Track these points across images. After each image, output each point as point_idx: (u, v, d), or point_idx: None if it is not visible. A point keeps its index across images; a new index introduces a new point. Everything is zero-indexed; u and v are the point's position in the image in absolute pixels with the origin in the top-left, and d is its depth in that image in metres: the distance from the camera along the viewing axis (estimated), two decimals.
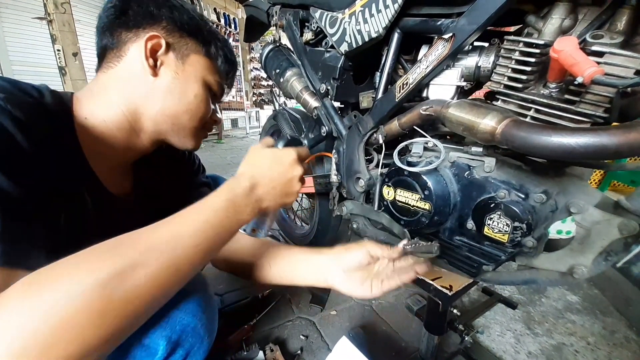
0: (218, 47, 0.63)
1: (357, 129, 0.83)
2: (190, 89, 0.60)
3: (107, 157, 0.58)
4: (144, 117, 0.58)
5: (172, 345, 0.52)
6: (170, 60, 0.58)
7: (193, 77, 0.60)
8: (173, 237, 0.40)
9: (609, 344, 1.02)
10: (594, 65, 0.40)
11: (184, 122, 0.61)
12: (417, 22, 0.65)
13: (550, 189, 0.54)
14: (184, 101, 0.59)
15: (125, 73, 0.56)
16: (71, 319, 0.30)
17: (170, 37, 0.57)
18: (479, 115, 0.51)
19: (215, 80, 0.63)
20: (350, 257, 0.63)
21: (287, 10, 1.03)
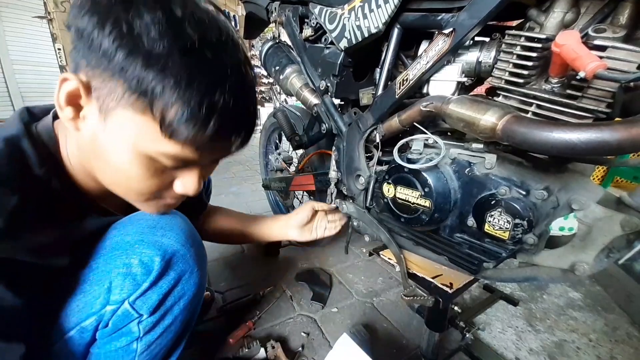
0: (181, 97, 0.38)
1: (357, 126, 0.82)
2: (112, 160, 0.43)
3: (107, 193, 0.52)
4: (90, 171, 0.49)
5: (165, 263, 0.53)
6: (91, 113, 0.41)
7: (117, 142, 0.42)
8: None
9: (611, 340, 1.02)
10: (596, 60, 0.40)
11: (120, 192, 0.49)
12: (417, 17, 0.64)
13: (551, 185, 0.53)
14: (107, 172, 0.46)
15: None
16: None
17: (91, 78, 0.39)
18: (480, 111, 0.50)
19: (160, 151, 0.42)
20: (300, 216, 0.92)
21: (287, 7, 1.02)
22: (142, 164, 0.43)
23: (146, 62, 0.37)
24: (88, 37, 0.37)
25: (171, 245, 0.55)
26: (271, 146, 1.69)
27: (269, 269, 1.31)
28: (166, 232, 0.55)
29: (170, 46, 0.37)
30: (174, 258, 0.55)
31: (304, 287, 1.19)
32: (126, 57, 0.37)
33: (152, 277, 0.53)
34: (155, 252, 0.53)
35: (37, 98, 4.17)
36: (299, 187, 1.23)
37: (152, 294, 0.54)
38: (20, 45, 4.14)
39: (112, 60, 0.37)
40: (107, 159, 0.44)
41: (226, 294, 1.13)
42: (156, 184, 0.47)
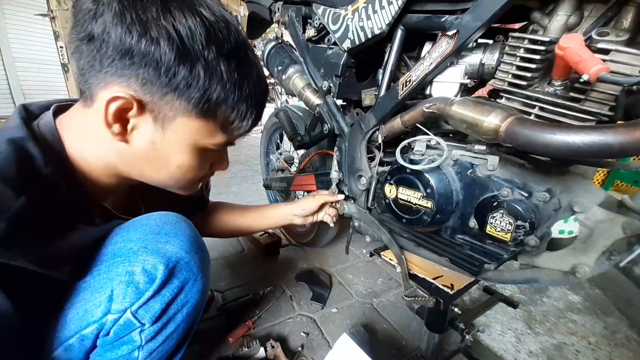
0: (223, 100, 0.46)
1: (359, 126, 0.82)
2: (172, 160, 0.49)
3: (108, 191, 0.56)
4: (128, 174, 0.52)
5: (169, 271, 0.52)
6: (145, 125, 0.44)
7: (177, 145, 0.47)
8: None
9: (610, 343, 1.02)
10: (599, 63, 0.40)
11: (170, 185, 0.54)
12: (420, 18, 0.64)
13: (553, 187, 0.53)
14: (165, 171, 0.51)
15: (94, 125, 0.45)
16: None
17: (147, 94, 0.42)
18: (483, 113, 0.50)
19: (214, 142, 0.50)
20: (309, 206, 0.94)
21: (290, 7, 1.03)
22: (198, 157, 0.50)
23: (204, 74, 0.42)
24: (134, 52, 0.39)
25: (175, 253, 0.53)
26: (272, 146, 1.69)
27: (268, 269, 1.31)
28: (170, 238, 0.54)
29: (217, 53, 0.42)
30: (177, 266, 0.54)
31: (304, 287, 1.19)
32: (189, 72, 0.41)
33: (156, 286, 0.51)
34: (159, 259, 0.51)
35: (39, 96, 4.17)
36: (300, 187, 1.23)
37: (154, 303, 0.52)
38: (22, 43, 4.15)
39: (175, 77, 0.41)
40: (167, 161, 0.49)
41: (226, 293, 1.13)
42: (205, 169, 0.54)
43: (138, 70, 0.40)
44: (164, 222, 0.55)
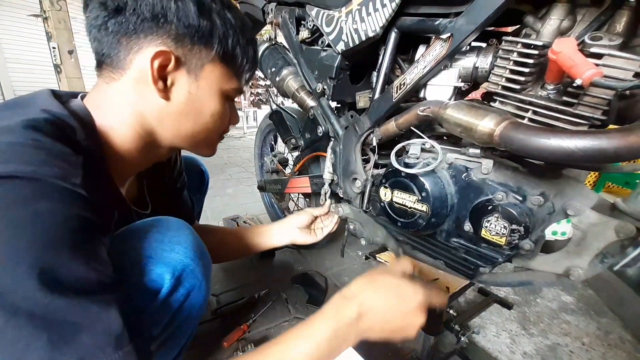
0: (236, 44, 0.53)
1: (353, 129, 0.82)
2: (206, 108, 0.54)
3: (126, 173, 0.59)
4: (160, 137, 0.55)
5: (175, 280, 0.53)
6: (182, 77, 0.50)
7: (208, 92, 0.53)
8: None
9: (604, 344, 1.03)
10: (592, 67, 0.40)
11: (202, 139, 0.58)
12: (414, 21, 0.64)
13: (547, 191, 0.53)
14: (200, 122, 0.55)
15: (132, 90, 0.49)
16: None
17: (180, 48, 0.48)
18: (477, 116, 0.50)
19: (232, 87, 0.56)
20: (300, 219, 0.91)
21: (283, 8, 1.02)
22: (224, 103, 0.56)
23: (220, 22, 0.49)
24: (166, 12, 0.45)
25: (180, 261, 0.54)
26: (266, 148, 1.68)
27: (264, 272, 1.31)
28: (174, 246, 0.54)
29: (221, 4, 0.50)
30: (183, 274, 0.54)
31: (300, 290, 1.18)
32: (210, 22, 0.48)
33: (163, 295, 0.52)
34: (165, 269, 0.52)
35: None
36: (295, 189, 1.23)
37: (162, 312, 0.53)
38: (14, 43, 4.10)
39: (199, 31, 0.48)
40: (202, 110, 0.53)
41: (221, 297, 1.12)
42: (227, 119, 0.59)
43: (170, 28, 0.46)
44: (167, 229, 0.56)
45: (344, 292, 0.50)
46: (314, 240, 0.92)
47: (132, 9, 0.44)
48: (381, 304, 0.48)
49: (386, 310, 0.48)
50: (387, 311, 0.48)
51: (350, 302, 0.48)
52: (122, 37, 0.46)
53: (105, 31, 0.46)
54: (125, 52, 0.47)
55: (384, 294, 0.49)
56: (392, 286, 0.50)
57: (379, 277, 0.51)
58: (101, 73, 0.50)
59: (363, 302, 0.47)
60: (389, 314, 0.48)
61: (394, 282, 0.50)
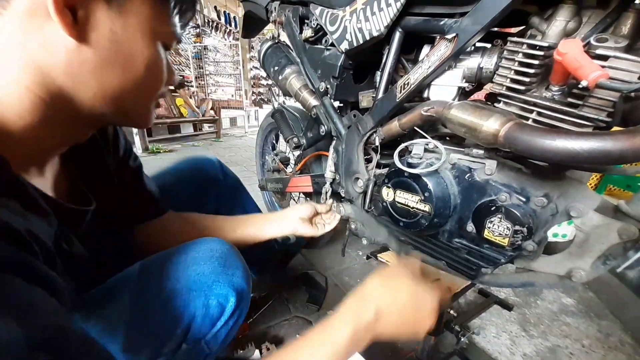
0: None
1: (356, 128, 0.82)
2: (138, 54, 0.41)
3: (36, 161, 0.43)
4: (75, 99, 0.39)
5: (237, 302, 0.57)
6: (100, 10, 0.36)
7: (139, 33, 0.40)
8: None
9: (604, 347, 1.03)
10: (598, 69, 0.40)
11: (133, 99, 0.44)
12: (419, 21, 0.64)
13: (551, 192, 0.53)
14: (131, 74, 0.41)
15: (24, 30, 0.33)
16: None
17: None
18: (482, 117, 0.50)
19: (168, 30, 0.44)
20: (303, 209, 0.87)
21: (287, 7, 1.02)
22: (159, 50, 0.43)
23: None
24: None
25: (240, 285, 0.57)
26: (268, 146, 1.68)
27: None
28: (234, 270, 0.58)
29: None
30: (242, 297, 0.58)
31: (300, 290, 1.18)
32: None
33: (226, 317, 0.56)
34: (231, 292, 0.56)
35: None
36: (296, 189, 1.23)
37: (222, 332, 0.57)
38: None
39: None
40: (132, 57, 0.40)
41: None
42: (164, 73, 0.46)
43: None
44: (227, 254, 0.59)
45: (360, 292, 0.49)
46: (315, 234, 0.88)
47: None
48: (398, 307, 0.48)
49: (402, 313, 0.48)
50: (403, 314, 0.48)
51: (368, 304, 0.47)
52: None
53: None
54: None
55: (400, 297, 0.48)
56: (408, 289, 0.49)
57: (394, 278, 0.51)
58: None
59: (380, 304, 0.47)
60: (404, 317, 0.48)
61: (409, 285, 0.50)
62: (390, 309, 0.47)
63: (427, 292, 0.50)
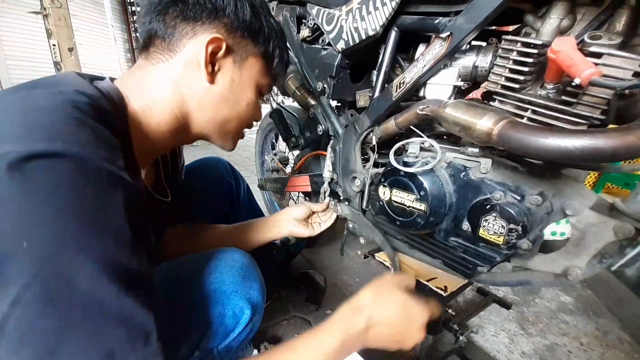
0: (276, 46, 0.58)
1: (353, 128, 0.82)
2: (244, 97, 0.57)
3: (149, 157, 0.59)
4: (193, 121, 0.56)
5: (252, 314, 0.60)
6: (228, 65, 0.53)
7: (248, 83, 0.57)
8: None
9: (602, 344, 1.03)
10: (591, 67, 0.40)
11: (231, 128, 0.60)
12: (414, 20, 0.64)
13: (546, 190, 0.53)
14: (235, 109, 0.57)
15: (179, 73, 0.51)
16: None
17: (231, 38, 0.52)
18: (476, 115, 0.50)
19: (267, 83, 0.60)
20: (298, 211, 0.89)
21: (284, 7, 1.02)
22: (257, 95, 0.59)
23: (266, 24, 0.55)
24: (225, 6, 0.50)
25: (256, 298, 0.61)
26: (267, 146, 1.68)
27: None
28: (252, 283, 0.61)
29: (265, 10, 0.56)
30: (256, 309, 0.61)
31: (299, 289, 1.18)
32: (259, 22, 0.54)
33: (240, 328, 0.59)
34: (246, 304, 0.59)
35: None
36: (295, 188, 1.23)
37: (234, 342, 0.60)
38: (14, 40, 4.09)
39: (250, 27, 0.53)
40: (240, 97, 0.56)
41: None
42: (258, 114, 0.62)
43: (226, 20, 0.50)
44: (247, 266, 0.63)
45: (353, 302, 0.51)
46: (311, 234, 0.90)
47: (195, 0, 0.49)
48: (389, 320, 0.49)
49: (392, 326, 0.49)
50: (393, 326, 0.49)
51: (360, 314, 0.49)
52: (180, 22, 0.49)
53: (163, 15, 0.49)
54: (179, 36, 0.49)
55: (391, 310, 0.50)
56: (400, 303, 0.51)
57: (387, 291, 0.52)
58: (148, 55, 0.52)
59: (371, 316, 0.48)
60: (394, 329, 0.49)
61: (402, 299, 0.51)
62: (381, 320, 0.49)
63: (419, 308, 0.51)
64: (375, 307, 0.50)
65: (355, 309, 0.50)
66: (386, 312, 0.49)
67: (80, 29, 4.36)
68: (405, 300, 0.51)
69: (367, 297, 0.51)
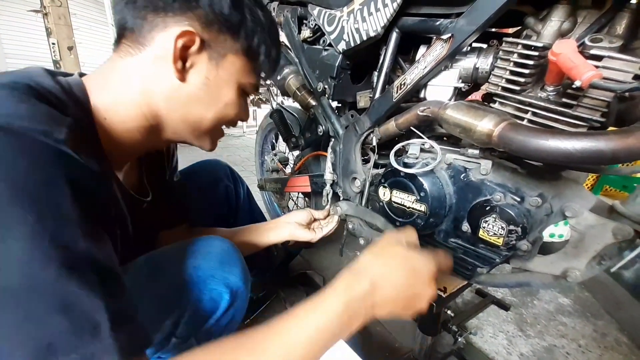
0: (261, 42, 0.53)
1: (354, 128, 0.82)
2: (221, 97, 0.53)
3: (124, 156, 0.56)
4: (164, 120, 0.52)
5: (231, 300, 0.57)
6: (202, 61, 0.49)
7: (226, 82, 0.52)
8: (286, 349, 0.39)
9: (600, 346, 1.03)
10: (592, 69, 0.40)
11: (207, 127, 0.55)
12: (415, 21, 0.64)
13: (545, 192, 0.53)
14: (211, 109, 0.53)
15: (148, 68, 0.47)
16: None
17: (206, 32, 0.47)
18: (477, 117, 0.50)
19: (251, 82, 0.56)
20: (300, 215, 0.88)
21: (285, 7, 1.02)
22: (239, 95, 0.55)
23: (251, 18, 0.50)
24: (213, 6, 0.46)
25: (236, 283, 0.58)
26: (267, 146, 1.68)
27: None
28: (232, 268, 0.58)
29: (254, 2, 0.51)
30: (236, 296, 0.58)
31: (297, 290, 1.18)
32: (241, 15, 0.49)
33: (219, 314, 0.57)
34: (225, 289, 0.56)
35: None
36: (295, 189, 1.23)
37: (214, 329, 0.57)
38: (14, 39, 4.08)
39: (229, 20, 0.48)
40: (217, 97, 0.52)
41: None
42: (238, 113, 0.57)
43: (200, 11, 0.46)
44: (226, 251, 0.60)
45: (353, 266, 0.47)
46: (313, 237, 0.87)
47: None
48: (393, 277, 0.45)
49: (398, 283, 0.45)
50: (399, 283, 0.45)
51: (362, 276, 0.45)
52: (148, 13, 0.45)
53: (132, 4, 0.45)
54: (148, 27, 0.45)
55: (395, 267, 0.46)
56: (403, 258, 0.47)
57: (388, 248, 0.49)
58: (118, 48, 0.48)
59: (374, 276, 0.45)
60: (401, 287, 0.45)
61: (404, 253, 0.48)
62: (386, 279, 0.45)
63: (423, 259, 0.47)
64: (378, 266, 0.46)
65: (356, 271, 0.46)
66: (389, 270, 0.46)
67: (80, 28, 4.36)
68: (409, 255, 0.47)
69: (368, 259, 0.48)
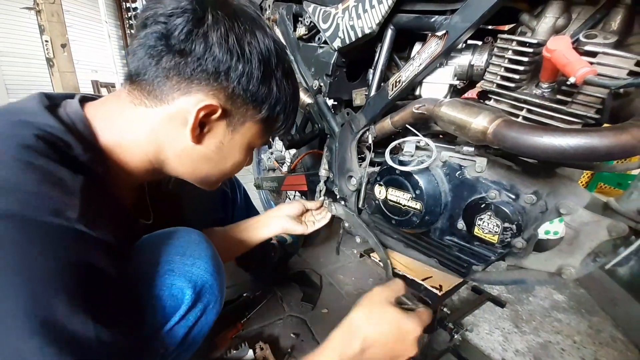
0: (281, 111, 0.53)
1: (349, 126, 0.82)
2: (230, 158, 0.54)
3: (129, 187, 0.56)
4: (169, 169, 0.53)
5: (195, 296, 0.53)
6: (220, 128, 0.49)
7: (238, 145, 0.53)
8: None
9: (595, 342, 1.04)
10: (586, 66, 0.40)
11: (212, 180, 0.58)
12: (410, 18, 0.64)
13: (540, 189, 0.53)
14: (219, 167, 0.54)
15: (162, 124, 0.47)
16: None
17: (229, 103, 0.47)
18: (471, 114, 0.50)
19: (262, 142, 0.57)
20: (291, 208, 0.87)
21: (280, 4, 1.01)
22: (247, 154, 0.56)
23: (277, 89, 0.50)
24: (230, 70, 0.45)
25: (201, 276, 0.54)
26: None
27: None
28: (195, 260, 0.54)
29: (282, 72, 0.50)
30: (202, 289, 0.54)
31: (294, 288, 1.18)
32: (267, 88, 0.49)
33: (182, 311, 0.52)
34: (186, 283, 0.52)
35: (23, 90, 4.06)
36: (291, 187, 1.22)
37: (179, 328, 0.53)
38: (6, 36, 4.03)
39: (257, 92, 0.48)
40: (226, 159, 0.53)
41: None
42: (244, 165, 0.58)
43: (230, 85, 0.46)
44: (188, 242, 0.56)
45: (345, 325, 0.51)
46: (304, 231, 0.87)
47: (197, 58, 0.43)
48: (383, 339, 0.49)
49: (387, 345, 0.49)
50: (387, 346, 0.49)
51: (354, 337, 0.48)
52: (173, 75, 0.44)
53: (155, 60, 0.43)
54: (170, 88, 0.45)
55: (385, 330, 0.49)
56: (393, 321, 0.50)
57: (378, 309, 0.51)
58: (131, 91, 0.47)
59: (366, 338, 0.48)
60: (388, 348, 0.49)
61: (394, 316, 0.50)
62: (376, 341, 0.48)
63: (411, 323, 0.50)
64: (369, 328, 0.49)
65: (348, 332, 0.49)
66: (380, 332, 0.49)
67: (74, 25, 4.31)
68: (398, 317, 0.50)
69: (359, 319, 0.51)
